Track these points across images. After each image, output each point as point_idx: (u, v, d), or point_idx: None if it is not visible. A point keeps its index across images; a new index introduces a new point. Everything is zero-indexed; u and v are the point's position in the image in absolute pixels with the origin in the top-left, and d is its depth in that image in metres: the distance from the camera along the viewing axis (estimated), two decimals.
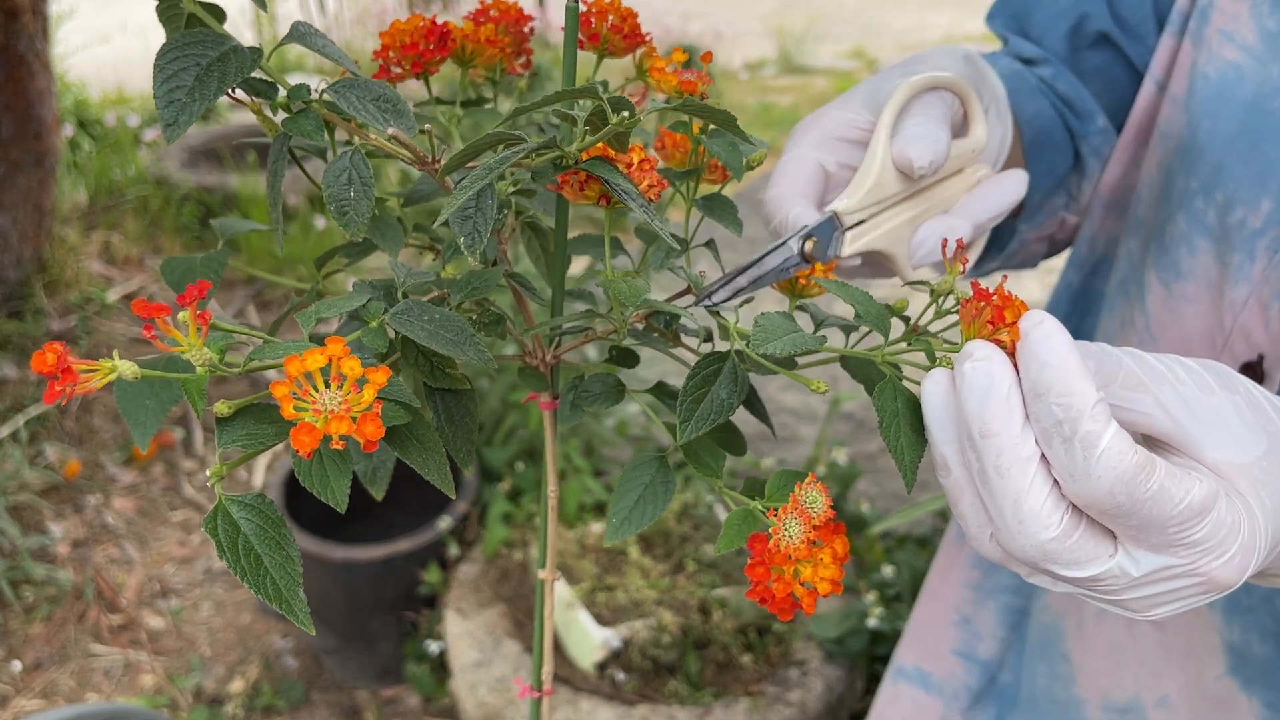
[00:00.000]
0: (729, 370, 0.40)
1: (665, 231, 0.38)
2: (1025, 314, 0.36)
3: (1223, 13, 0.57)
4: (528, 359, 0.46)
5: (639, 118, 0.36)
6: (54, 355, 0.34)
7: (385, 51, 0.47)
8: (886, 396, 0.39)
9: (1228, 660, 0.60)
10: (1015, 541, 0.36)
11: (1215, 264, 0.56)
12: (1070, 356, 0.35)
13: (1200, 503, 0.35)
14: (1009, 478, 0.36)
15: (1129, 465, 0.34)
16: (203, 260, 0.47)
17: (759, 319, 0.39)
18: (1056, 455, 0.35)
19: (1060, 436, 0.35)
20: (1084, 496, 0.35)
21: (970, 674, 0.78)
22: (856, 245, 0.50)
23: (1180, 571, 0.36)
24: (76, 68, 4.09)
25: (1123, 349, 0.38)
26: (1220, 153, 0.55)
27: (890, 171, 0.50)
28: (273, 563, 0.36)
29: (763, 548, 0.38)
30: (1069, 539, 0.36)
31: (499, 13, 0.51)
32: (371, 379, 0.33)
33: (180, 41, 0.37)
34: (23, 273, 2.68)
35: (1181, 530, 0.35)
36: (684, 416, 0.39)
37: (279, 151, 0.40)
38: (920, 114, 0.51)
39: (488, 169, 0.35)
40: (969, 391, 0.36)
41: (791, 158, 0.53)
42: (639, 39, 0.47)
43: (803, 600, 0.37)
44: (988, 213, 0.53)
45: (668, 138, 0.48)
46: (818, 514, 0.38)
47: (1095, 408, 0.34)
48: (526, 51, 0.52)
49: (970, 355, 0.36)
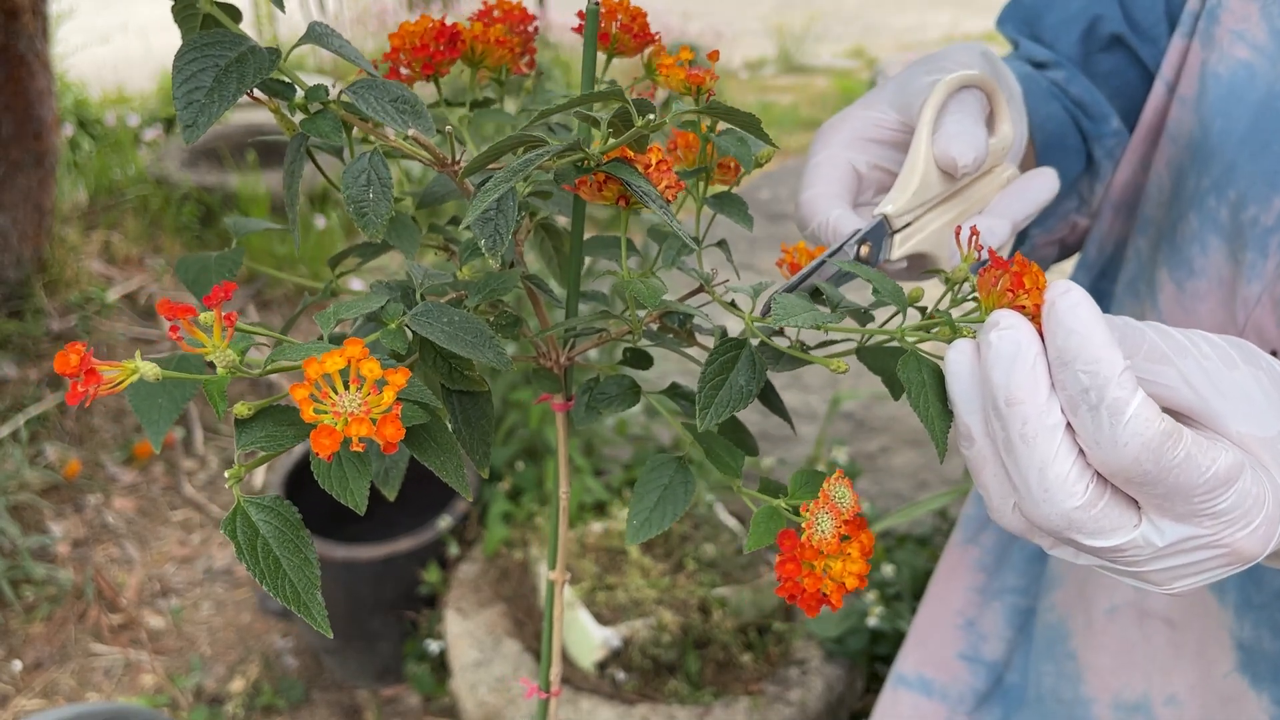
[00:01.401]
0: (747, 356, 0.40)
1: (684, 232, 0.39)
2: (1052, 283, 0.36)
3: (1233, 13, 0.57)
4: (541, 360, 0.46)
5: (664, 121, 0.36)
6: (77, 357, 0.34)
7: (396, 53, 0.47)
8: (911, 369, 0.39)
9: (1237, 657, 0.60)
10: (1039, 510, 0.36)
11: (1228, 262, 0.57)
12: (1097, 324, 0.35)
13: (1226, 472, 0.35)
14: (1034, 445, 0.36)
15: (1155, 432, 0.34)
16: (217, 259, 0.47)
17: (777, 298, 0.39)
18: (1083, 422, 0.35)
19: (1086, 404, 0.35)
20: (1110, 464, 0.35)
21: (976, 676, 0.79)
22: (904, 248, 0.50)
23: (1205, 542, 0.36)
24: (76, 67, 4.09)
25: (1146, 323, 0.38)
26: (1232, 151, 0.56)
27: (934, 171, 0.50)
28: (291, 565, 0.36)
29: (793, 543, 0.38)
30: (1094, 508, 0.36)
31: (503, 13, 0.51)
32: (391, 381, 0.33)
33: (199, 42, 0.37)
34: (23, 272, 2.67)
35: (1207, 499, 0.35)
36: (703, 403, 0.39)
37: (297, 152, 0.40)
38: (958, 112, 0.51)
39: (511, 172, 0.35)
40: (995, 360, 0.36)
41: (823, 159, 0.53)
42: (648, 38, 0.47)
43: (831, 595, 0.37)
44: (1024, 211, 0.52)
45: (680, 139, 0.48)
46: (847, 509, 0.38)
47: (1122, 374, 0.34)
48: (530, 51, 0.52)
49: (996, 324, 0.36)
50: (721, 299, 0.44)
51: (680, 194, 0.46)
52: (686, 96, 0.42)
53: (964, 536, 0.81)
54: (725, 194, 0.48)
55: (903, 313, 0.41)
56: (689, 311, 0.42)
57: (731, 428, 0.43)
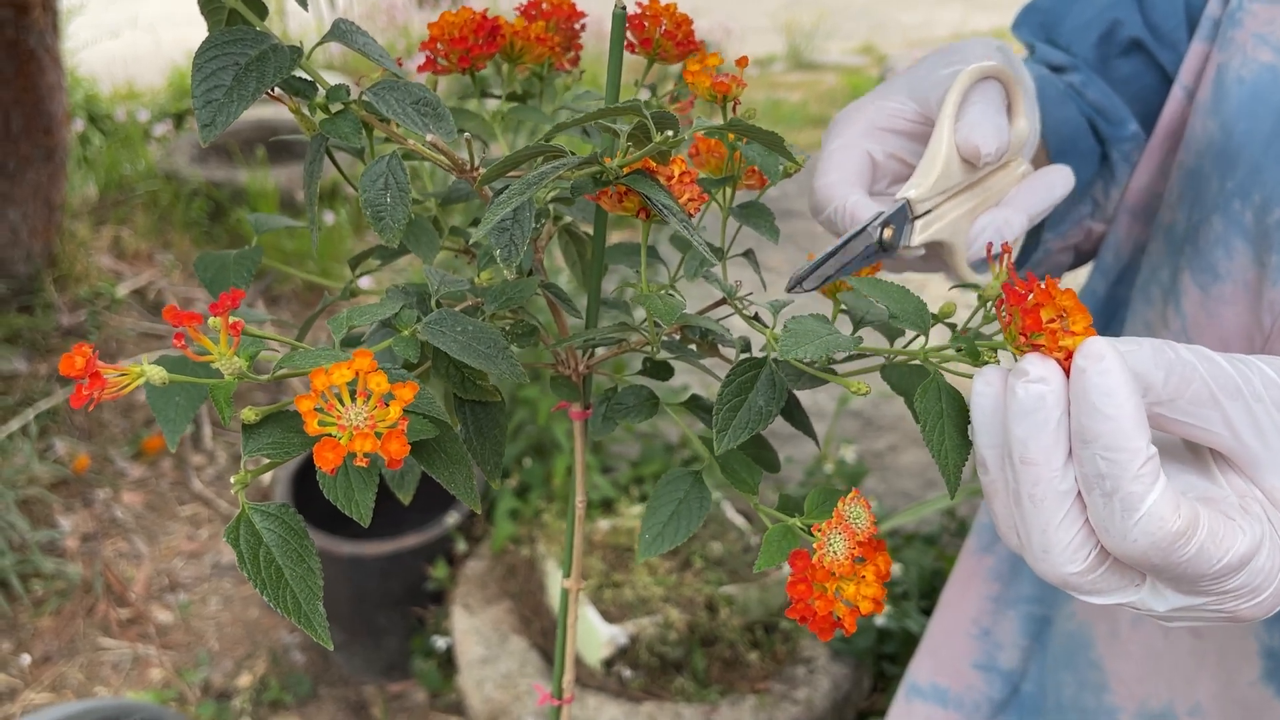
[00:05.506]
0: (766, 377, 0.39)
1: (703, 245, 0.38)
2: (1084, 344, 0.33)
3: (1256, 17, 0.56)
4: (560, 368, 0.46)
5: (683, 137, 0.35)
6: (83, 359, 0.33)
7: (433, 43, 0.46)
8: (930, 398, 0.37)
9: (1264, 665, 0.60)
10: (1038, 566, 0.36)
11: (1253, 266, 0.56)
12: (1126, 405, 0.32)
13: (1240, 559, 0.34)
14: (1041, 508, 0.35)
15: (1168, 533, 0.32)
16: (236, 258, 0.46)
17: (789, 323, 0.38)
18: (1094, 504, 0.34)
19: (1101, 490, 0.33)
20: (1117, 550, 0.34)
21: (991, 685, 0.78)
22: (924, 235, 0.49)
23: (1208, 611, 0.35)
24: (87, 63, 4.09)
25: (1197, 351, 0.35)
26: (1257, 154, 0.55)
27: (955, 160, 0.49)
28: (294, 575, 0.35)
29: (805, 564, 0.37)
30: (1093, 573, 0.35)
31: (550, 7, 0.49)
32: (398, 395, 0.32)
33: (219, 40, 0.36)
34: (33, 267, 2.68)
35: (1215, 583, 0.34)
36: (720, 425, 0.38)
37: (317, 152, 0.40)
38: (981, 102, 0.50)
39: (526, 183, 0.34)
40: (1018, 413, 0.34)
41: (839, 146, 0.52)
42: (692, 46, 0.46)
43: (844, 619, 0.36)
44: (1039, 205, 0.52)
45: (702, 144, 0.47)
46: (862, 530, 0.37)
47: (1143, 467, 0.32)
48: (576, 48, 0.51)
49: (1025, 374, 0.34)
50: (745, 312, 0.44)
51: None
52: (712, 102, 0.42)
53: (979, 545, 0.80)
54: (751, 204, 0.47)
55: (924, 333, 0.39)
56: (709, 326, 0.41)
57: (753, 442, 0.42)
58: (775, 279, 3.11)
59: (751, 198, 0.48)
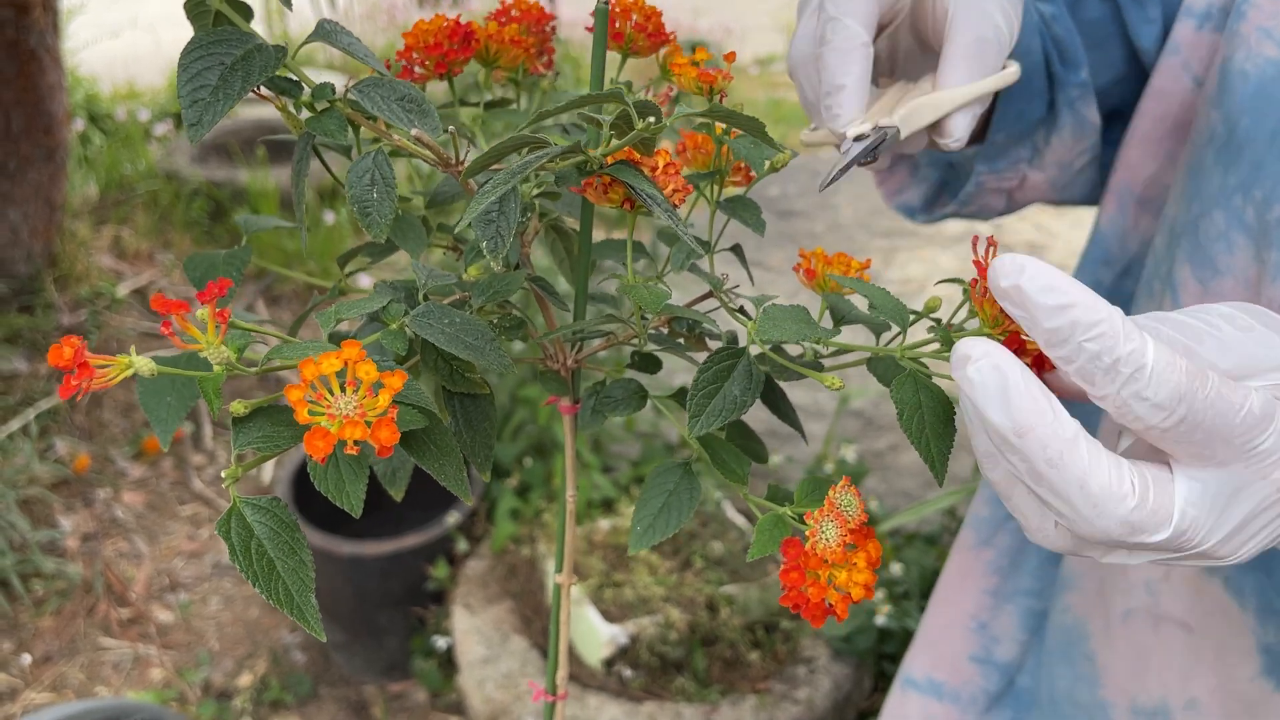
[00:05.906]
0: (744, 366, 0.39)
1: (689, 236, 0.38)
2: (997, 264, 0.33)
3: (1261, 10, 0.56)
4: (548, 362, 0.46)
5: (665, 123, 0.35)
6: (71, 350, 0.33)
7: (409, 52, 0.47)
8: (906, 390, 0.37)
9: (1262, 661, 0.59)
10: (1095, 525, 0.34)
11: (1253, 262, 0.56)
12: (1072, 287, 0.32)
13: (1261, 409, 0.33)
14: (1064, 464, 0.33)
15: (1181, 375, 0.32)
16: (225, 257, 0.46)
17: (768, 308, 0.38)
18: (1102, 389, 0.33)
19: (1101, 369, 0.33)
20: (1143, 420, 0.33)
21: (988, 678, 0.78)
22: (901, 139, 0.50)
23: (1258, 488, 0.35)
24: (87, 62, 4.10)
25: (1148, 316, 0.36)
26: (1260, 150, 0.55)
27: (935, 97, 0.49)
28: (285, 567, 0.35)
29: (797, 552, 0.37)
30: (1146, 504, 0.34)
31: (520, 12, 0.50)
32: (387, 384, 0.33)
33: (204, 40, 0.37)
34: (33, 267, 2.68)
35: (1247, 438, 0.34)
36: (694, 411, 0.38)
37: (303, 150, 0.40)
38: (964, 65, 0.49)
39: (510, 173, 0.34)
40: (986, 398, 0.33)
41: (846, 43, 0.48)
42: (663, 37, 0.47)
43: (836, 606, 0.37)
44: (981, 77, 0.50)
45: (689, 141, 0.47)
46: (853, 517, 0.37)
47: (1125, 326, 0.32)
48: (549, 51, 0.52)
49: (967, 357, 0.33)
50: (730, 305, 0.44)
51: (690, 195, 0.45)
52: (699, 96, 0.42)
53: (977, 539, 0.80)
54: (738, 197, 0.47)
55: (902, 328, 0.39)
56: (696, 317, 0.42)
57: (740, 433, 0.42)
58: (773, 277, 3.10)
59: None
